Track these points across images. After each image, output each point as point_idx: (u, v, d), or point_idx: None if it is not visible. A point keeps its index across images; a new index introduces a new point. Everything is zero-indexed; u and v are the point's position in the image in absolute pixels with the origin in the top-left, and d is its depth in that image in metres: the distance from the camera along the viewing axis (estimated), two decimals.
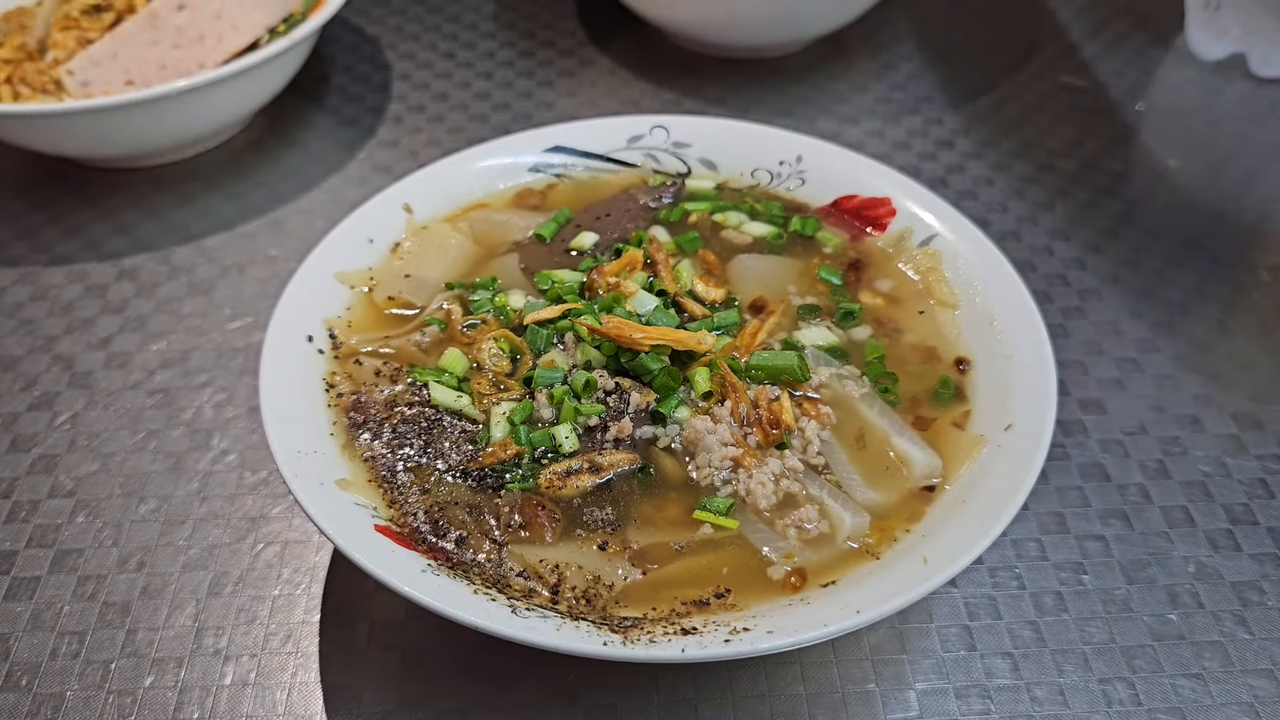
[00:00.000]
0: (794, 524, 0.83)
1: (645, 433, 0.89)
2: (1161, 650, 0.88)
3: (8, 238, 1.32)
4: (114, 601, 0.92)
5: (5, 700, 0.85)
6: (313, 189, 1.39)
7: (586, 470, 0.86)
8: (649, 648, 0.70)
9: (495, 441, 0.88)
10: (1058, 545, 0.96)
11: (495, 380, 0.93)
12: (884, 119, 1.51)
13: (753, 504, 0.84)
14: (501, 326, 0.98)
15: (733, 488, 0.85)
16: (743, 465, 0.85)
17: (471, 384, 0.92)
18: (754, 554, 0.81)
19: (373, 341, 0.97)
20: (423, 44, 1.69)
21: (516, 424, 0.88)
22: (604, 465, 0.86)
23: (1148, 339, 1.16)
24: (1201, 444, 1.05)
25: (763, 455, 0.86)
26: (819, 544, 0.82)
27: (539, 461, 0.87)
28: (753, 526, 0.83)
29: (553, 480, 0.85)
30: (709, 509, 0.83)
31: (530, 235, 1.09)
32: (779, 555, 0.81)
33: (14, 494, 1.01)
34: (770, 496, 0.84)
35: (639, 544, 0.82)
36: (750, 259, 1.07)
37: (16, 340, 1.18)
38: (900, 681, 0.86)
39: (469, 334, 0.98)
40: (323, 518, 0.75)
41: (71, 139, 1.31)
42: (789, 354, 0.93)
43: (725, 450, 0.86)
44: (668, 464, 0.87)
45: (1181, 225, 1.32)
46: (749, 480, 0.84)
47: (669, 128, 1.16)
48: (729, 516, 0.83)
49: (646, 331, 0.91)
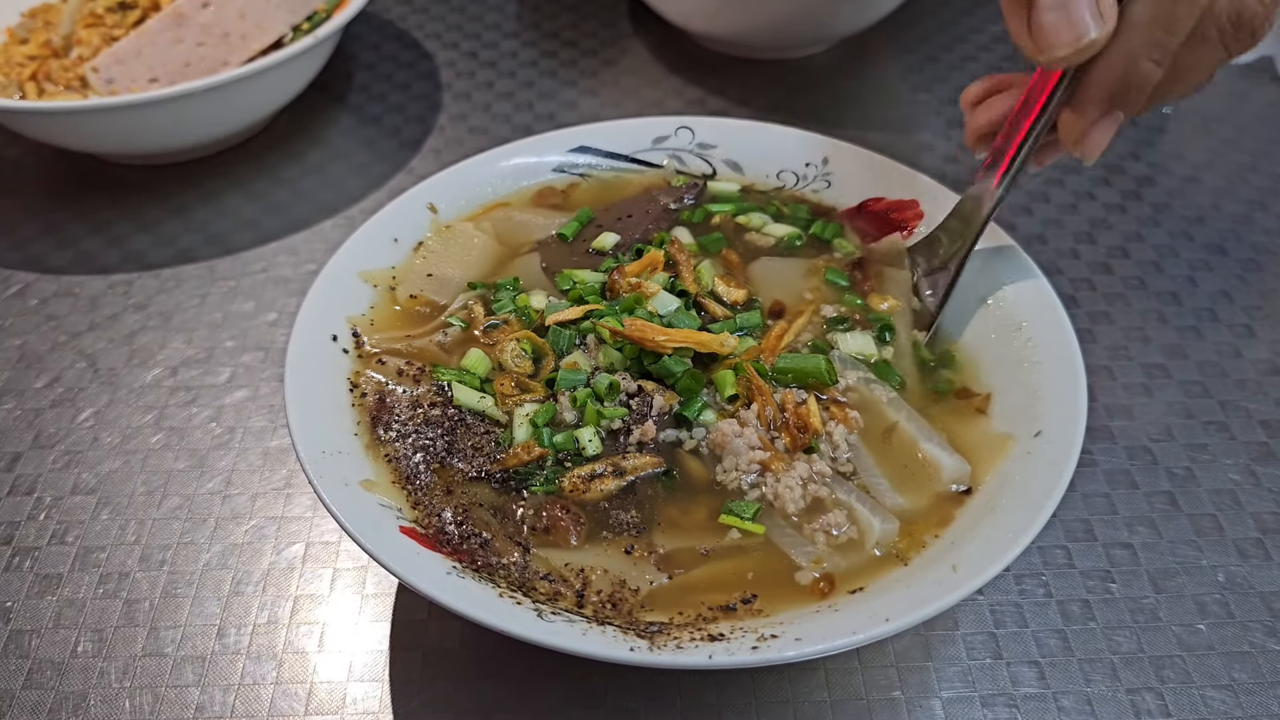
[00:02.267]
0: (822, 529, 0.82)
1: (669, 436, 0.88)
2: (1190, 661, 0.87)
3: (33, 233, 1.33)
4: (136, 599, 0.92)
5: (29, 698, 0.85)
6: (335, 187, 1.39)
7: (610, 474, 0.85)
8: (676, 654, 0.70)
9: (519, 444, 0.87)
10: (1085, 553, 0.95)
11: (518, 381, 0.92)
12: (908, 121, 1.50)
13: (780, 508, 0.83)
14: (523, 327, 0.97)
15: (760, 491, 0.84)
16: (770, 469, 0.85)
17: (494, 385, 0.92)
18: (781, 559, 0.81)
19: (395, 340, 0.96)
20: (445, 43, 1.69)
21: (540, 426, 0.88)
22: (628, 469, 0.86)
23: (1175, 344, 1.15)
24: (1230, 451, 1.04)
25: (790, 459, 0.86)
26: (848, 549, 0.81)
27: (562, 464, 0.87)
28: (780, 531, 0.82)
29: (576, 484, 0.85)
30: (735, 513, 0.82)
31: (552, 235, 1.09)
32: (808, 560, 0.80)
33: (37, 490, 1.02)
34: (799, 501, 0.83)
35: (665, 548, 0.82)
36: (771, 261, 1.06)
37: (40, 336, 1.18)
38: (926, 689, 0.85)
39: (491, 334, 0.97)
40: (348, 519, 0.75)
41: (96, 136, 1.31)
42: (816, 357, 0.92)
43: (753, 454, 0.85)
44: (693, 467, 0.87)
45: (1208, 229, 1.31)
46: (776, 484, 0.84)
47: (694, 129, 1.16)
48: (756, 521, 0.82)
49: (669, 334, 0.90)
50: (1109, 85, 0.83)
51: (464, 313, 1.00)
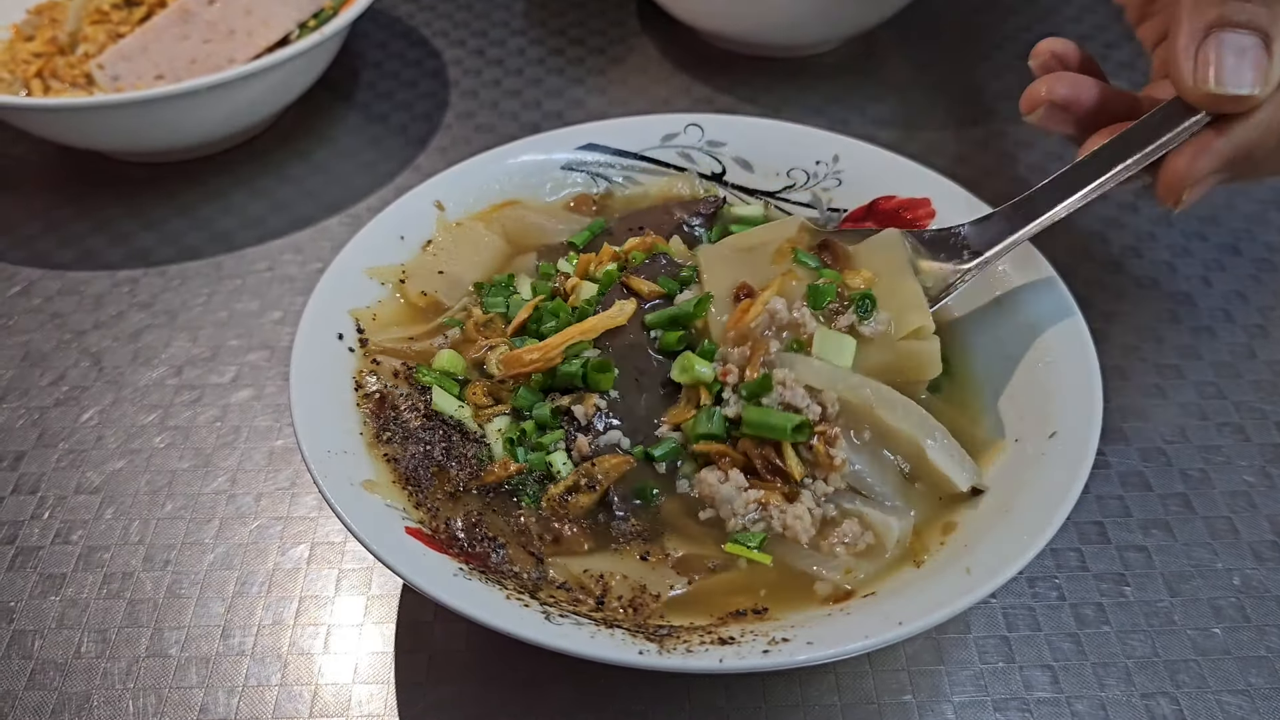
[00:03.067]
0: (839, 541, 0.80)
1: (611, 438, 0.87)
2: (1206, 665, 0.86)
3: (37, 231, 1.32)
4: (140, 599, 0.92)
5: (31, 698, 0.85)
6: (342, 185, 1.39)
7: (585, 487, 0.84)
8: (685, 657, 0.69)
9: (496, 460, 0.87)
10: (1098, 555, 0.94)
11: (490, 389, 0.91)
12: (919, 118, 1.49)
13: (793, 536, 0.81)
14: (505, 324, 0.97)
15: (766, 523, 0.82)
16: (770, 504, 0.82)
17: (468, 393, 0.91)
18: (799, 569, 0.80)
19: (397, 341, 0.96)
20: (452, 40, 1.68)
21: (513, 443, 0.87)
22: (599, 477, 0.84)
23: (1188, 345, 1.14)
24: (1245, 454, 1.03)
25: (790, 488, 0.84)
26: (870, 555, 0.80)
27: (542, 482, 0.86)
28: (797, 554, 0.80)
29: (554, 503, 0.84)
30: (741, 542, 0.81)
31: (562, 243, 1.08)
32: (837, 573, 0.79)
33: (40, 489, 1.01)
34: (809, 529, 0.81)
35: (678, 553, 0.81)
36: (716, 247, 1.00)
37: (45, 335, 1.18)
38: (937, 693, 0.84)
39: (480, 332, 0.96)
40: (353, 520, 0.74)
41: (101, 133, 1.30)
42: (786, 415, 0.83)
43: (747, 495, 0.82)
44: (683, 512, 0.85)
45: (1221, 228, 1.29)
46: (783, 516, 0.81)
47: (703, 126, 1.15)
48: (763, 550, 0.80)
49: (541, 347, 0.89)
50: (1240, 146, 0.83)
51: (463, 314, 0.99)
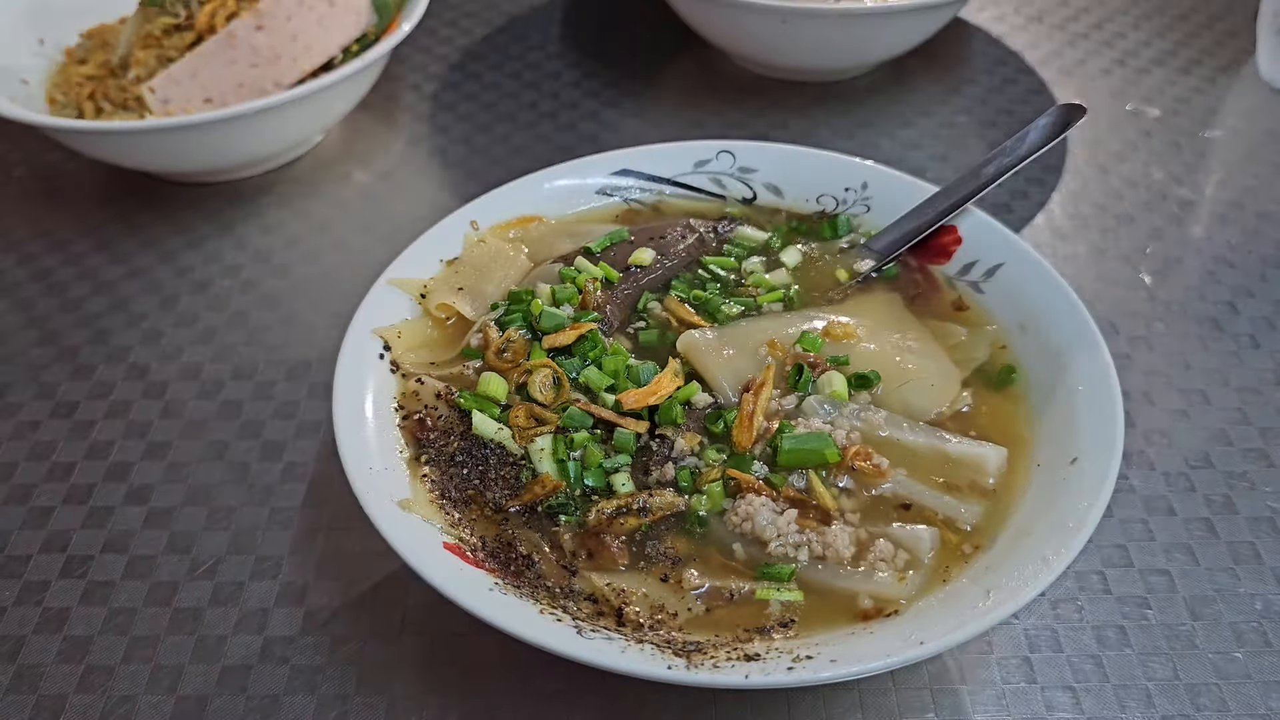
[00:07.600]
0: (879, 559, 0.83)
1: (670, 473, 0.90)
2: (1227, 689, 0.87)
3: (86, 248, 1.36)
4: (185, 608, 0.95)
5: (79, 702, 0.88)
6: (381, 207, 1.42)
7: (634, 512, 0.87)
8: (713, 673, 0.71)
9: (539, 478, 0.89)
10: (1121, 578, 0.95)
11: (533, 412, 0.93)
12: (947, 144, 1.51)
13: (834, 557, 0.83)
14: (525, 339, 0.99)
15: (808, 549, 0.84)
16: (809, 528, 0.84)
17: (510, 416, 0.93)
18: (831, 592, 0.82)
19: (417, 366, 0.98)
20: (489, 64, 1.71)
21: (564, 460, 0.90)
22: (653, 508, 0.87)
23: (1215, 370, 1.15)
24: (1270, 479, 1.04)
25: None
26: (911, 566, 0.82)
27: (588, 498, 0.88)
28: (838, 574, 0.82)
29: (601, 519, 0.86)
30: (770, 577, 0.82)
31: (579, 248, 1.10)
32: (884, 586, 0.81)
33: (90, 499, 1.04)
34: (849, 547, 0.83)
35: (704, 583, 0.83)
36: (700, 333, 0.99)
37: (93, 350, 1.21)
38: (959, 712, 0.86)
39: (504, 359, 0.98)
40: (394, 534, 0.77)
41: (150, 155, 1.35)
42: (819, 436, 0.88)
43: (785, 517, 0.85)
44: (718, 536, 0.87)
45: (1250, 256, 1.30)
46: (823, 537, 0.84)
47: (735, 153, 1.17)
48: (792, 586, 0.82)
49: (638, 394, 0.92)
50: None
51: (479, 338, 1.01)
